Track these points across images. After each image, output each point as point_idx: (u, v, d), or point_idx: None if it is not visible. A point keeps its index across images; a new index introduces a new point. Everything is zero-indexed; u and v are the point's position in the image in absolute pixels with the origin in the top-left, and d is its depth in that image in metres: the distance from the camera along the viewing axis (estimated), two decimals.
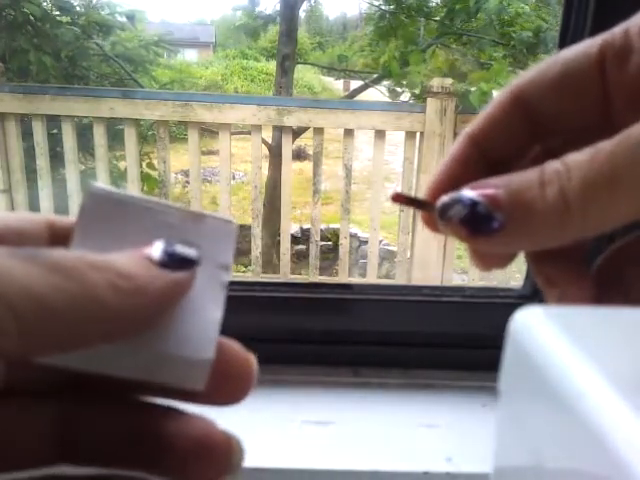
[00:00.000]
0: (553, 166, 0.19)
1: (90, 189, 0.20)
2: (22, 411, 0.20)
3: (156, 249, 0.19)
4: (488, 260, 0.23)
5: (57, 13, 2.94)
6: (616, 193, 0.18)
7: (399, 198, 0.23)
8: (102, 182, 2.23)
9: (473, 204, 0.20)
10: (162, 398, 0.21)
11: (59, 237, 0.20)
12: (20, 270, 0.15)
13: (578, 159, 0.19)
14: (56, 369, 0.18)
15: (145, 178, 2.51)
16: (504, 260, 0.23)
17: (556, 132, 0.22)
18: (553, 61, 0.22)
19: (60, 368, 0.18)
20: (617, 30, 0.21)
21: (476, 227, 0.20)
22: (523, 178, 0.20)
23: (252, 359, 0.21)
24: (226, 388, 0.20)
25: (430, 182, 0.23)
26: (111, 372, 0.18)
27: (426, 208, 0.22)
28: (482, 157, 0.23)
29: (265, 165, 2.90)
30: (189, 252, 0.19)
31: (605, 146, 0.18)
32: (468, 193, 0.20)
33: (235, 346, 0.21)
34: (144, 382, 0.19)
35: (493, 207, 0.19)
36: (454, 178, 0.22)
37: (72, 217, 0.21)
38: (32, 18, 2.79)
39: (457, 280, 2.75)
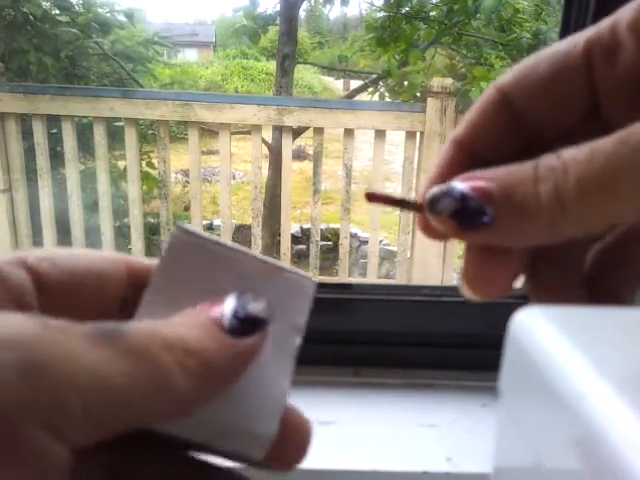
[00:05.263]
0: (548, 161, 0.18)
1: (178, 231, 0.20)
2: (75, 462, 0.19)
3: (227, 308, 0.18)
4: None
5: (57, 12, 2.93)
6: (614, 196, 0.17)
7: (373, 197, 0.21)
8: (102, 182, 2.23)
9: (463, 198, 0.19)
10: (214, 456, 0.20)
11: (137, 278, 0.21)
12: (92, 355, 0.15)
13: (575, 156, 0.18)
14: None
15: (145, 177, 2.51)
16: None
17: (544, 130, 0.22)
18: (538, 60, 0.21)
19: None
20: (603, 25, 0.20)
21: (466, 221, 0.19)
22: (517, 172, 0.19)
23: (310, 427, 0.20)
24: (282, 456, 0.20)
25: (422, 187, 0.22)
26: (171, 432, 0.18)
27: (408, 207, 0.22)
28: (471, 160, 0.22)
29: (265, 165, 2.90)
30: (261, 311, 0.18)
31: (604, 146, 0.18)
32: (458, 185, 0.19)
33: (296, 413, 0.20)
34: (202, 443, 0.19)
35: (484, 201, 0.19)
36: (444, 181, 0.21)
37: (148, 259, 0.22)
38: (32, 18, 2.79)
39: (457, 280, 2.75)
